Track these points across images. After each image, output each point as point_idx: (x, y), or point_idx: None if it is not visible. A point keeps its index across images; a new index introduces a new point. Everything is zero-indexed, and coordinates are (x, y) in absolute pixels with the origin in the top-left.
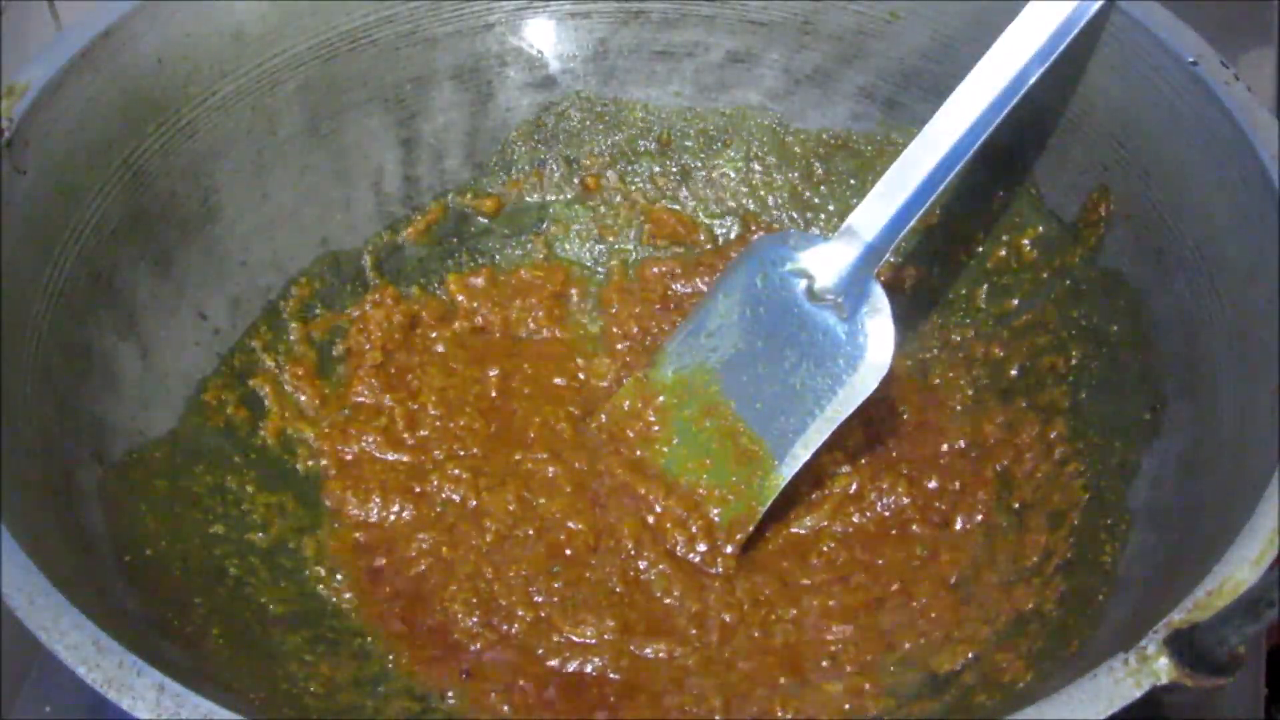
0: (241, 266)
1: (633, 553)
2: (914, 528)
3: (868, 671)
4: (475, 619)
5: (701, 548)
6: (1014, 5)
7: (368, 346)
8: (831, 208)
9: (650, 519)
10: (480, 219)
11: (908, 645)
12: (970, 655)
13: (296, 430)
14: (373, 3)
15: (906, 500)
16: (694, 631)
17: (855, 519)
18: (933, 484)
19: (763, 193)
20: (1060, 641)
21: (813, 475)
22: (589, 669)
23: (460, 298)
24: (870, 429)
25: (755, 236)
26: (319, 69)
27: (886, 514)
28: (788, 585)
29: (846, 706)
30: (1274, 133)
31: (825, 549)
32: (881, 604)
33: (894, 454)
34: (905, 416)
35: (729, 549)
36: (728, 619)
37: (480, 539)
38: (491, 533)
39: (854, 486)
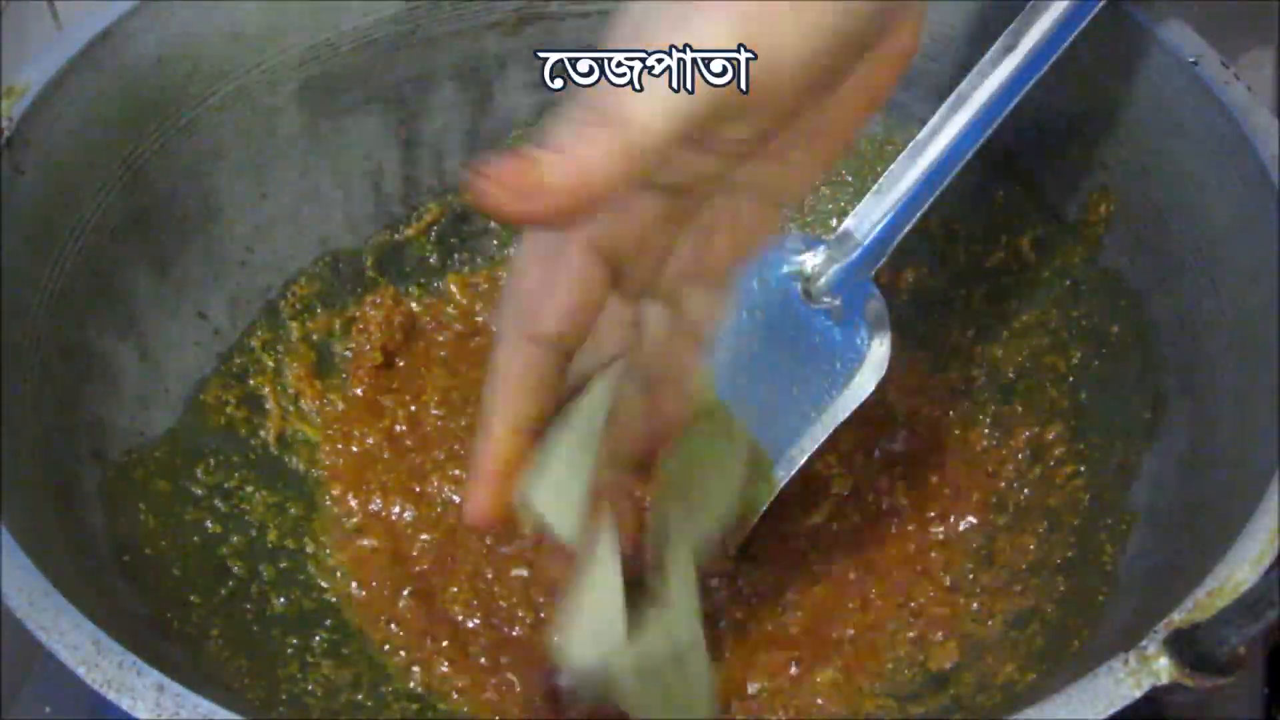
0: (241, 266)
1: (632, 554)
2: (911, 528)
3: (866, 672)
4: (476, 620)
5: None
6: (1014, 5)
7: (368, 347)
8: (831, 208)
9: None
10: (480, 219)
11: (906, 645)
12: (969, 655)
13: (296, 430)
14: (373, 2)
15: (904, 501)
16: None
17: (853, 519)
18: (930, 484)
19: None
20: (1060, 641)
21: (809, 476)
22: None
23: (460, 298)
24: (867, 429)
25: None
26: (319, 69)
27: (884, 515)
28: (786, 585)
29: (845, 694)
30: (1274, 133)
31: (822, 548)
32: (879, 604)
33: (891, 455)
34: (903, 418)
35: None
36: (739, 616)
37: (480, 540)
38: (492, 534)
39: (850, 487)
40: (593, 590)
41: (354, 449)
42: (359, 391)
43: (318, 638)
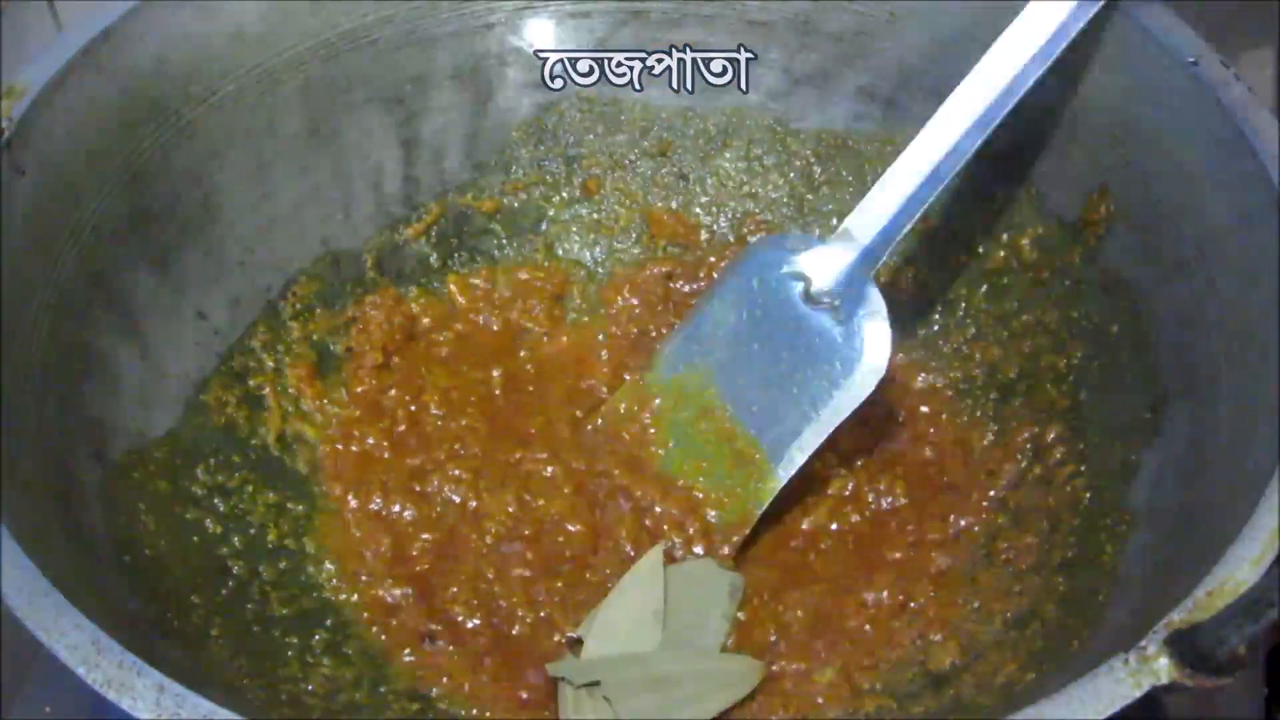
0: (241, 266)
1: (632, 554)
2: (911, 528)
3: (866, 672)
4: (476, 620)
5: (698, 550)
6: (1014, 5)
7: (368, 346)
8: (831, 208)
9: (648, 522)
10: (480, 219)
11: (906, 645)
12: (969, 655)
13: (296, 430)
14: (373, 2)
15: (904, 501)
16: None
17: (853, 519)
18: (930, 484)
19: (762, 193)
20: (1060, 641)
21: (810, 476)
22: None
23: (460, 298)
24: (868, 429)
25: (753, 238)
26: (319, 69)
27: (884, 514)
28: (786, 585)
29: (845, 694)
30: (1274, 133)
31: (822, 548)
32: (879, 604)
33: (891, 455)
34: (903, 418)
35: (725, 550)
36: (741, 616)
37: (480, 540)
38: (492, 534)
39: (850, 487)
40: (635, 593)
41: (354, 449)
42: (359, 391)
43: (318, 638)
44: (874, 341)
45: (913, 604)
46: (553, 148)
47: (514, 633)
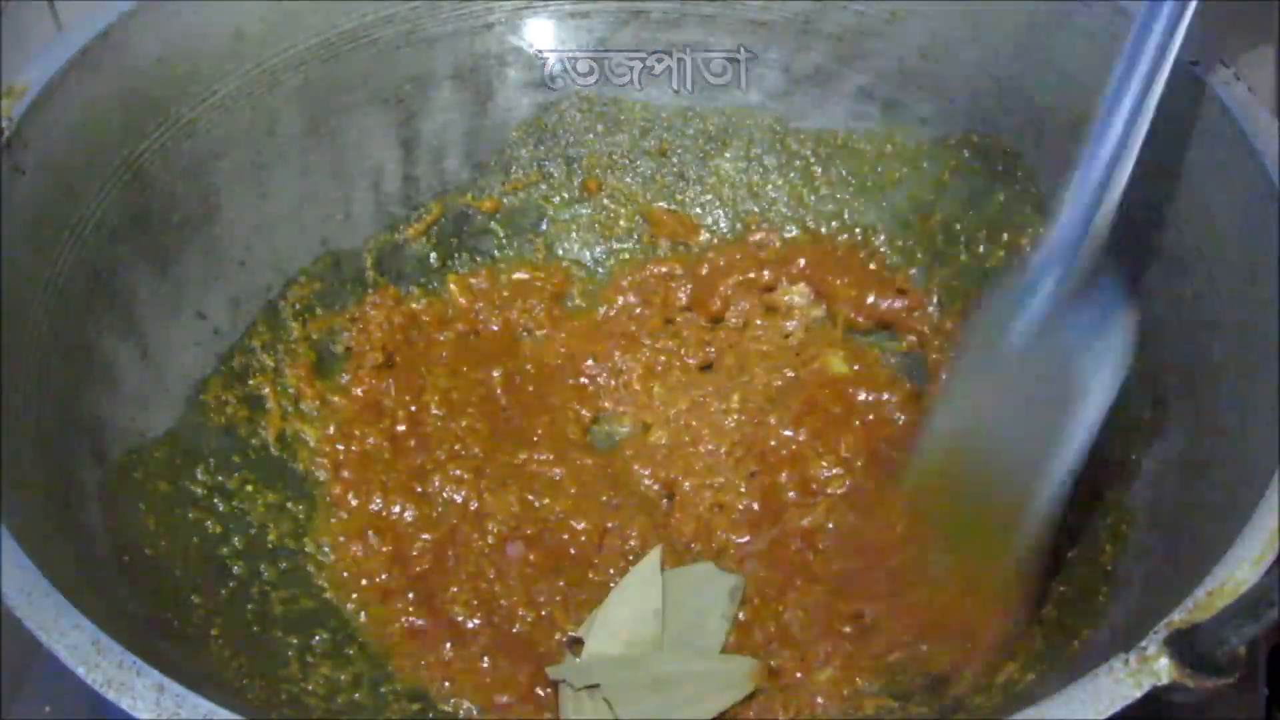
0: (241, 266)
1: (640, 552)
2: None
3: (866, 672)
4: (477, 619)
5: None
6: (1011, 6)
7: (368, 346)
8: (831, 208)
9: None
10: (480, 219)
11: (906, 645)
12: (969, 655)
13: (296, 430)
14: (373, 3)
15: (904, 500)
16: None
17: (852, 519)
18: None
19: (762, 192)
20: (1060, 641)
21: (808, 477)
22: None
23: (460, 298)
24: (867, 429)
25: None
26: (319, 69)
27: (883, 514)
28: (786, 585)
29: (845, 692)
30: (1274, 133)
31: (822, 548)
32: (880, 604)
33: (890, 455)
34: (902, 419)
35: None
36: (741, 617)
37: (482, 539)
38: (493, 534)
39: (848, 486)
40: (635, 593)
41: (354, 449)
42: (359, 391)
43: (318, 638)
44: (1106, 340)
45: (913, 604)
46: (553, 148)
47: (514, 632)
